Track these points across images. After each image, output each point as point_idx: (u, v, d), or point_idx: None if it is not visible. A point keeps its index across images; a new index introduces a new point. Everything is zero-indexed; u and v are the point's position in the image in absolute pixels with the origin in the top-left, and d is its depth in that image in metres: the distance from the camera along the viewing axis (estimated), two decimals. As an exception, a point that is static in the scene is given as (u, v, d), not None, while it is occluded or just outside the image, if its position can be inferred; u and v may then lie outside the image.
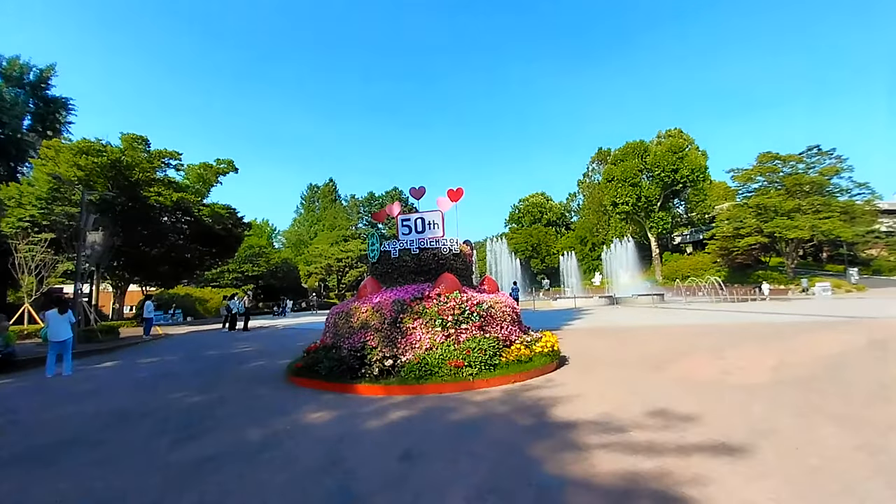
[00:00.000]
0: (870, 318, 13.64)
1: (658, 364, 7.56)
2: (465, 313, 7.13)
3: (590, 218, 75.84)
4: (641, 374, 6.89)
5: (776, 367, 6.92)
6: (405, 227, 9.11)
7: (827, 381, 6.00)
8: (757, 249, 47.48)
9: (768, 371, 6.71)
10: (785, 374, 6.46)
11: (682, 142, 57.59)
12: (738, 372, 6.71)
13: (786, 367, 6.95)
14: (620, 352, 9.13)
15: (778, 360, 7.46)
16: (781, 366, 7.02)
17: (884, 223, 47.85)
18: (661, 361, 7.79)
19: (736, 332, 11.59)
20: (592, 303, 28.62)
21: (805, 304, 23.86)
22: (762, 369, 6.85)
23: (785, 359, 7.58)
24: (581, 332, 13.33)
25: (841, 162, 43.15)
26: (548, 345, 7.53)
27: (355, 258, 64.08)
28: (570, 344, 10.37)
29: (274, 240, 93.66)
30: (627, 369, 7.27)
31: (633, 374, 6.84)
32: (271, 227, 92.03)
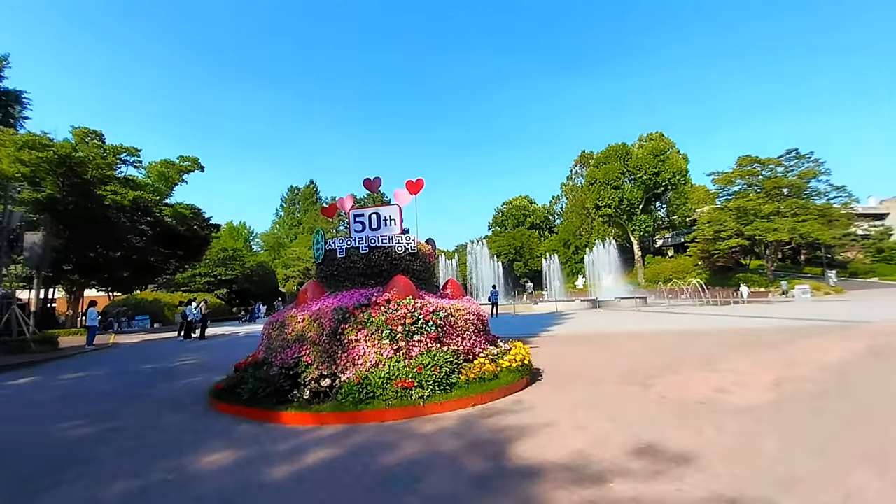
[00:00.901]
0: (862, 322, 13.01)
1: (643, 379, 6.58)
2: (419, 323, 6.03)
3: (573, 221, 75.72)
4: (624, 392, 5.89)
5: (778, 383, 6.00)
6: (358, 223, 7.98)
7: (838, 399, 5.08)
8: (737, 252, 47.68)
9: (770, 387, 5.78)
10: (789, 392, 5.53)
11: (664, 145, 57.75)
12: (736, 389, 5.76)
13: (788, 382, 6.03)
14: (601, 364, 8.14)
15: (777, 374, 6.55)
16: (783, 381, 6.10)
17: (860, 226, 48.53)
18: (647, 376, 6.81)
19: (725, 339, 10.75)
20: (574, 306, 27.81)
21: (787, 307, 23.46)
22: (762, 385, 5.92)
23: (785, 372, 6.68)
24: (560, 339, 12.36)
25: (818, 165, 43.62)
26: (517, 358, 6.48)
27: (335, 261, 62.33)
28: (545, 354, 9.36)
29: (252, 242, 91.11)
30: (608, 386, 6.27)
31: (615, 393, 5.83)
32: (248, 230, 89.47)
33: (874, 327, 11.61)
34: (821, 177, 43.76)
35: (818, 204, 43.29)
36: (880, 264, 48.28)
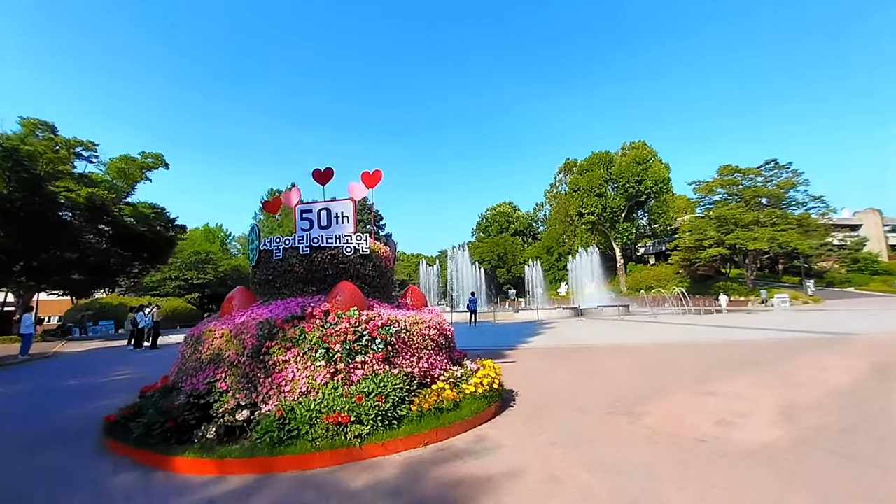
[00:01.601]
0: (851, 334, 12.39)
1: (631, 406, 5.63)
2: (364, 339, 4.95)
3: (556, 228, 75.46)
4: (609, 425, 4.90)
5: (786, 412, 5.10)
6: (305, 220, 6.91)
7: (867, 438, 4.19)
8: (718, 261, 47.81)
9: (778, 418, 4.88)
10: (804, 424, 4.63)
11: (647, 153, 57.91)
12: (740, 421, 4.84)
13: (798, 411, 5.15)
14: (582, 385, 7.17)
15: (783, 399, 5.67)
16: (792, 409, 5.22)
17: (836, 237, 49.22)
18: (635, 401, 5.85)
19: (715, 354, 9.92)
20: (556, 315, 26.99)
21: (769, 316, 23.09)
22: (769, 415, 5.01)
23: (791, 396, 5.81)
24: (539, 353, 11.39)
25: (797, 176, 44.05)
26: (485, 382, 5.44)
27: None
28: (521, 372, 8.37)
29: (229, 245, 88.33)
30: (590, 416, 5.28)
31: (598, 426, 4.84)
32: (225, 233, 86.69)
33: (867, 340, 10.97)
34: (799, 187, 44.25)
35: (796, 214, 43.68)
36: (855, 274, 49.01)
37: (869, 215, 63.70)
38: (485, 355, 10.83)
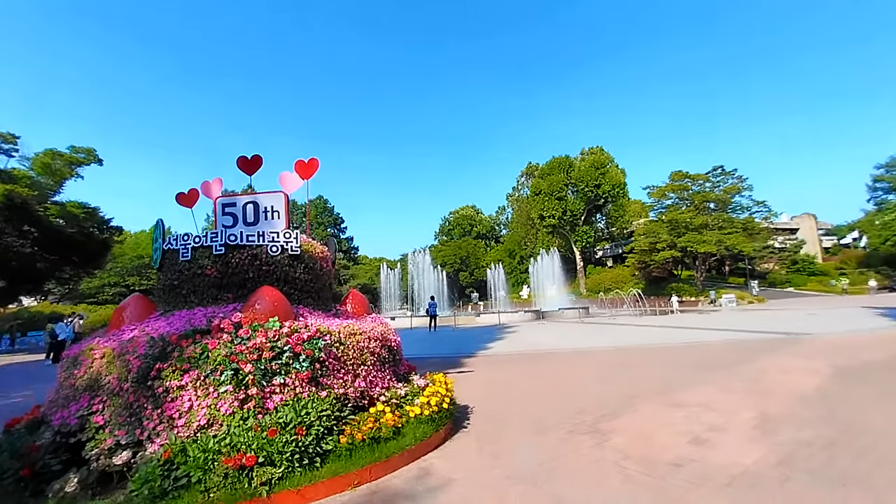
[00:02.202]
0: (802, 334, 12.61)
1: (596, 422, 5.06)
2: (284, 357, 4.09)
3: (518, 231, 76.06)
4: (573, 448, 4.28)
5: (762, 425, 4.68)
6: (228, 215, 5.94)
7: (846, 454, 3.77)
8: (670, 263, 49.49)
9: (754, 433, 4.44)
10: (782, 439, 4.19)
11: (604, 158, 59.41)
12: (715, 438, 4.35)
13: (773, 423, 4.74)
14: (544, 397, 6.57)
15: (755, 409, 5.28)
16: (766, 421, 4.81)
17: (777, 240, 52.21)
18: (600, 416, 5.30)
19: (676, 358, 9.66)
20: (518, 318, 26.68)
21: (720, 316, 23.69)
22: (745, 429, 4.56)
23: (762, 406, 5.43)
24: (498, 360, 10.78)
25: (741, 181, 46.29)
26: (433, 401, 4.69)
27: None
28: (479, 383, 7.69)
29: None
30: (552, 436, 4.65)
31: (562, 452, 4.20)
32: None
33: (818, 341, 11.10)
34: (743, 192, 46.45)
35: (741, 218, 45.89)
36: (795, 275, 52.06)
37: (805, 220, 68.22)
38: (441, 364, 10.19)
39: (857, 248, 64.02)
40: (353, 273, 73.18)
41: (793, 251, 54.03)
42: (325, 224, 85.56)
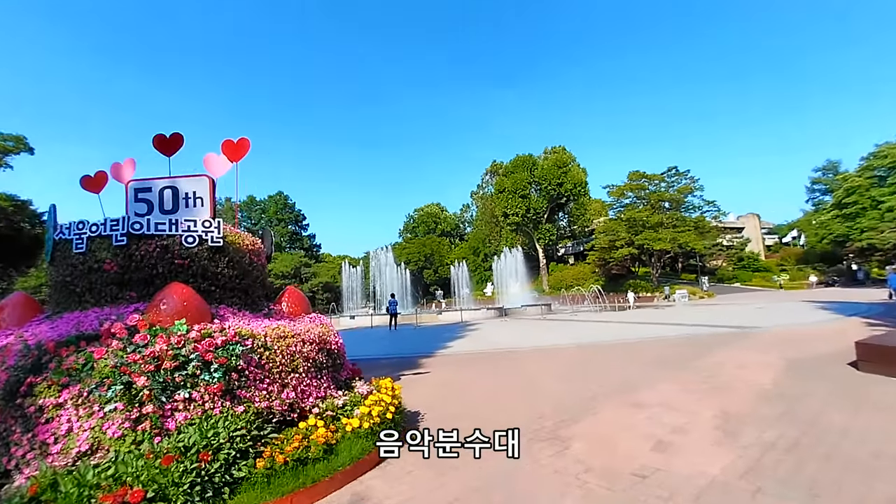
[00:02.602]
0: (751, 327, 12.94)
1: (555, 428, 4.68)
2: (190, 366, 3.43)
3: (482, 229, 76.34)
4: (532, 459, 3.87)
5: (724, 426, 4.44)
6: (142, 201, 5.15)
7: (813, 457, 3.55)
8: (628, 260, 51.01)
9: (718, 435, 4.18)
10: (746, 442, 3.95)
11: (566, 158, 60.47)
12: (678, 442, 4.06)
13: (735, 423, 4.51)
14: (502, 399, 6.16)
15: (715, 407, 5.07)
16: (728, 421, 4.58)
17: (725, 237, 54.91)
18: (560, 421, 4.93)
19: (635, 354, 9.55)
20: (480, 315, 26.45)
21: (674, 311, 24.36)
22: (707, 431, 4.31)
23: (721, 403, 5.24)
24: (457, 360, 10.34)
25: (694, 182, 48.33)
26: (375, 411, 4.15)
27: (223, 269, 55.07)
28: (433, 386, 7.21)
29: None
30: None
31: (518, 464, 3.75)
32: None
33: (767, 335, 11.35)
34: (695, 192, 48.51)
35: (693, 217, 47.90)
36: (741, 271, 54.95)
37: (750, 219, 72.25)
38: (396, 366, 9.64)
39: (797, 245, 68.50)
40: (315, 271, 71.07)
41: (739, 249, 57.02)
42: (285, 221, 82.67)
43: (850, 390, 5.56)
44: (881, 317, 13.92)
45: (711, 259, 56.21)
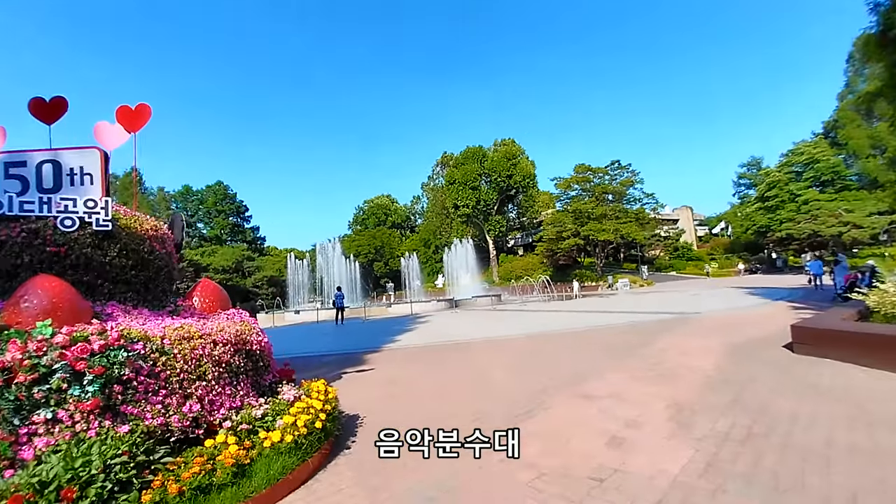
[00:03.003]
0: (690, 313, 13.50)
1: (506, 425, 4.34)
2: (55, 379, 2.71)
3: (433, 221, 76.03)
4: (480, 465, 3.47)
5: (677, 416, 4.30)
6: (14, 178, 4.19)
7: (770, 449, 3.44)
8: (575, 251, 52.75)
9: (672, 427, 4.01)
10: (700, 433, 3.80)
11: (515, 150, 61.27)
12: (633, 437, 3.84)
13: (687, 413, 4.39)
14: (449, 397, 5.75)
15: (666, 397, 4.96)
16: (680, 412, 4.45)
17: (662, 228, 58.18)
18: (510, 417, 4.60)
19: (583, 344, 9.54)
20: (431, 307, 26.10)
21: (617, 299, 25.31)
22: (661, 423, 4.14)
23: (671, 393, 5.14)
24: (404, 354, 9.86)
25: (635, 175, 50.61)
26: (301, 421, 3.57)
27: (154, 263, 50.73)
28: (376, 385, 6.68)
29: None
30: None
31: (465, 472, 3.36)
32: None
33: (704, 320, 11.84)
34: (636, 185, 50.88)
35: (634, 209, 50.27)
36: (676, 260, 58.61)
37: (684, 211, 77.13)
38: (338, 363, 9.00)
39: (724, 236, 74.07)
40: (259, 265, 67.62)
41: (675, 239, 60.69)
42: (225, 212, 77.73)
43: (791, 374, 5.69)
44: (802, 300, 15.06)
45: (650, 249, 59.38)
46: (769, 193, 50.59)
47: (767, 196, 50.80)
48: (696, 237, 74.64)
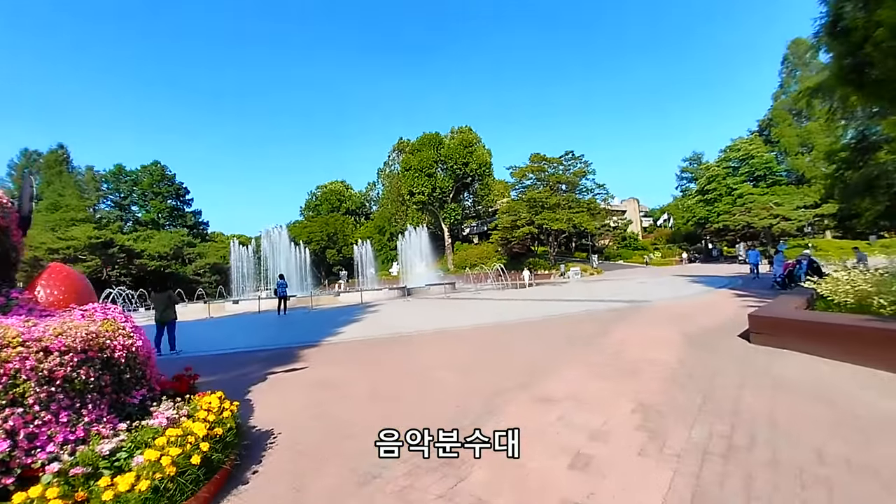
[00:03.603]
0: (643, 301, 13.46)
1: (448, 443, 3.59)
2: None
3: (389, 208, 74.36)
4: (416, 498, 2.71)
5: (645, 424, 3.73)
6: None
7: (765, 467, 2.91)
8: (528, 240, 53.30)
9: (642, 439, 3.42)
10: (676, 445, 3.22)
11: (472, 138, 60.73)
12: (599, 455, 3.20)
13: (656, 419, 3.83)
14: (387, 406, 4.90)
15: (630, 398, 4.40)
16: (649, 417, 3.89)
17: (612, 219, 60.02)
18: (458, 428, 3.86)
19: (538, 335, 9.03)
20: (382, 296, 25.03)
21: (570, 287, 25.51)
22: (628, 432, 3.54)
23: (635, 390, 4.61)
24: (344, 350, 8.90)
25: (587, 166, 51.54)
26: (171, 454, 2.61)
27: (82, 248, 45.81)
28: (304, 390, 5.73)
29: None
30: (385, 481, 3.02)
31: (388, 491, 2.58)
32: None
33: (657, 309, 11.75)
34: (588, 176, 51.89)
35: (586, 199, 51.35)
36: (624, 250, 60.79)
37: (630, 203, 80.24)
38: (269, 359, 7.91)
39: (667, 227, 77.85)
40: (201, 251, 63.32)
41: (622, 230, 62.89)
42: (163, 195, 71.88)
43: (755, 367, 5.35)
44: (743, 288, 15.52)
45: (600, 238, 61.19)
46: (708, 187, 53.25)
47: (707, 189, 53.45)
48: (642, 228, 77.97)
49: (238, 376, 6.72)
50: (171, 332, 9.34)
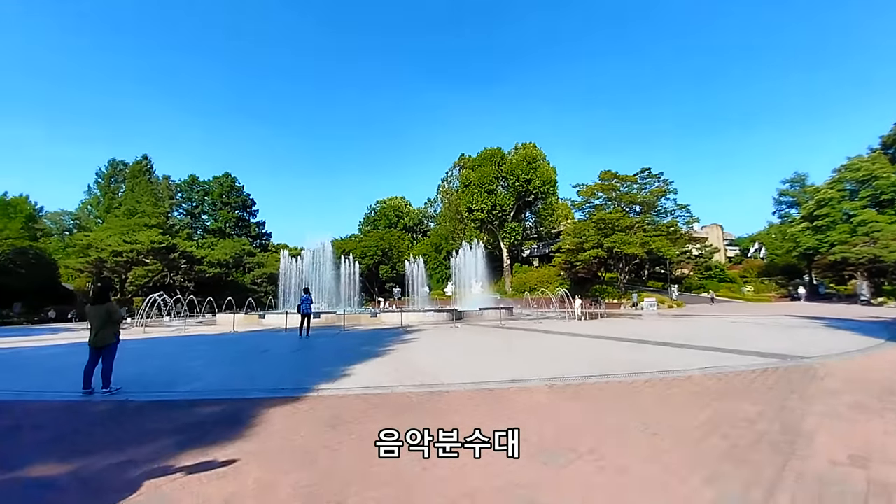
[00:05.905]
0: (793, 356, 9.06)
1: None
2: None
3: (446, 225, 72.17)
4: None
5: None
6: None
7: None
8: (595, 264, 48.08)
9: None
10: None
11: (536, 153, 57.11)
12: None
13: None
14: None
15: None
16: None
17: (695, 246, 53.01)
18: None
19: (652, 416, 5.32)
20: (427, 319, 21.91)
21: (651, 322, 20.79)
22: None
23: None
24: (325, 417, 5.73)
25: (667, 185, 45.86)
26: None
27: (145, 251, 47.77)
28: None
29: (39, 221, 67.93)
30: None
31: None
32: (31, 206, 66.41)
33: (837, 369, 7.48)
34: (669, 195, 46.11)
35: (665, 222, 45.49)
36: (708, 281, 53.21)
37: (713, 230, 71.61)
38: (204, 424, 4.64)
39: (758, 258, 68.22)
40: (261, 261, 64.52)
41: (707, 258, 55.38)
42: (231, 205, 75.33)
43: None
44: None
45: (679, 267, 54.23)
46: (818, 212, 45.06)
47: (816, 215, 45.30)
48: (727, 257, 69.00)
49: (99, 470, 3.78)
50: (108, 362, 6.75)
